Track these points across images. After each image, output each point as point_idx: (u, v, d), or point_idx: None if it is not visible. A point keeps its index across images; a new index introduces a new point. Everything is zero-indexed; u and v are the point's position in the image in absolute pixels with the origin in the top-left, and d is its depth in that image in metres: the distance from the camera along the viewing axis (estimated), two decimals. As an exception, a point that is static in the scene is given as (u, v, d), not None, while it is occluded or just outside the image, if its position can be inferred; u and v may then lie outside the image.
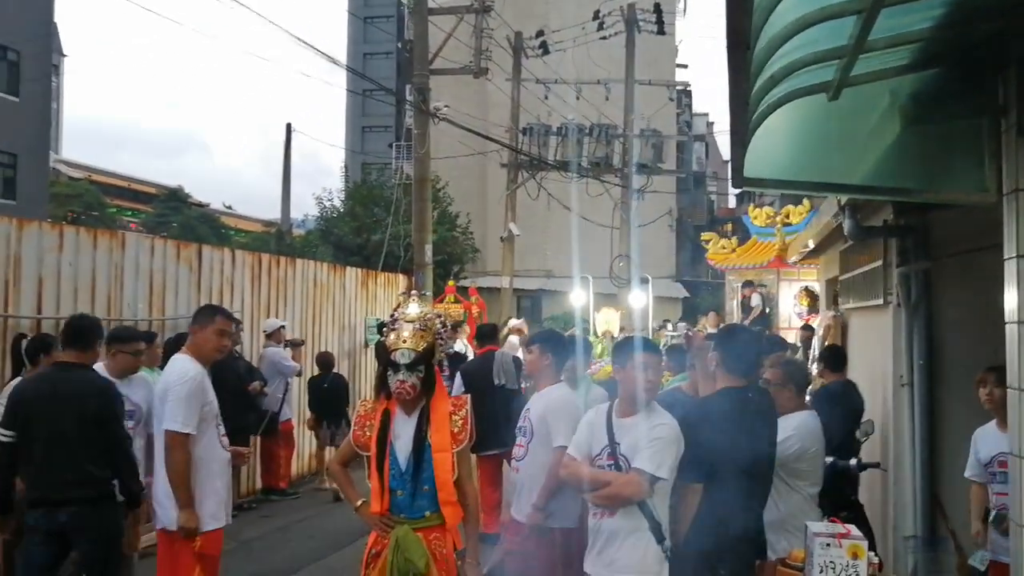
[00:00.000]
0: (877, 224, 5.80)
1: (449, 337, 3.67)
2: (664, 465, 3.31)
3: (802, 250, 9.63)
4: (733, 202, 46.87)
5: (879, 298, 6.15)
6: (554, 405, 4.25)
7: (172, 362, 4.21)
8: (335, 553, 6.97)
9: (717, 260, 17.34)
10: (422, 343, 3.34)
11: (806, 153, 3.79)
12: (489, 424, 5.19)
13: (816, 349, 9.36)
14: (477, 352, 8.68)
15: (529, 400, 4.63)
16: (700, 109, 56.74)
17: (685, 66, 44.01)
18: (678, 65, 35.32)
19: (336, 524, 7.72)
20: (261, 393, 8.14)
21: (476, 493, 3.66)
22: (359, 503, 3.44)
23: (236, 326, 7.93)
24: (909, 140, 3.38)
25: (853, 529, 3.19)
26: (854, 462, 5.17)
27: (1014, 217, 2.79)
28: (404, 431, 3.36)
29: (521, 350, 5.93)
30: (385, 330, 3.46)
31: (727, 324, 12.13)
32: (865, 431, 5.35)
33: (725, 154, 41.65)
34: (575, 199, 19.90)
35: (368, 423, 3.43)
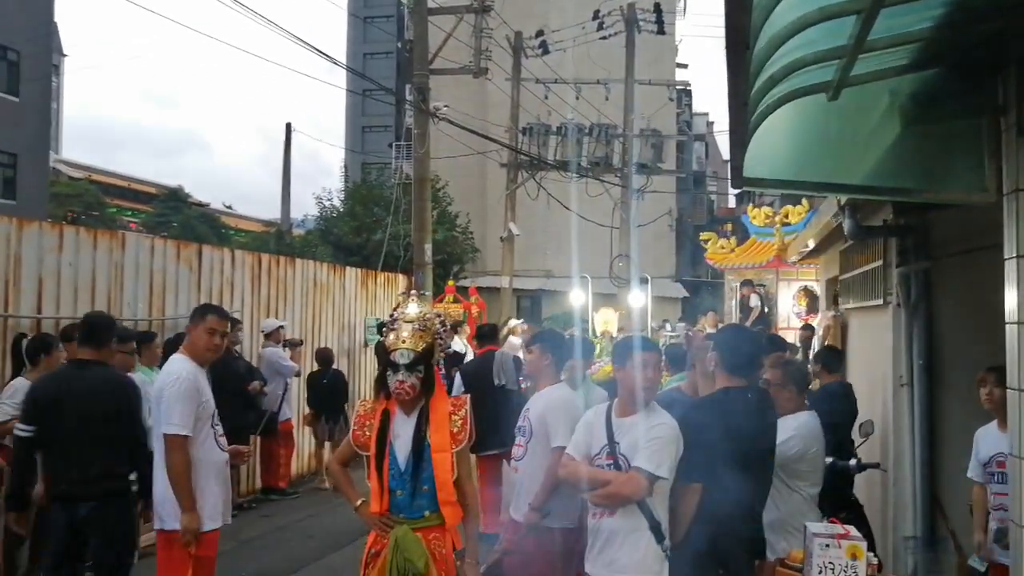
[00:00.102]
0: (877, 224, 5.80)
1: (447, 336, 3.66)
2: (664, 464, 3.31)
3: (802, 250, 9.63)
4: (733, 202, 46.85)
5: (879, 298, 6.15)
6: (554, 405, 4.25)
7: (168, 363, 4.22)
8: (335, 553, 6.97)
9: (716, 260, 17.34)
10: (421, 343, 3.33)
11: (806, 153, 3.79)
12: (489, 424, 5.19)
13: (816, 349, 9.36)
14: (477, 352, 8.68)
15: (529, 400, 4.64)
16: (700, 109, 56.79)
17: (685, 66, 43.94)
18: (678, 65, 35.35)
19: (336, 524, 7.73)
20: (261, 393, 8.14)
21: (475, 493, 3.66)
22: (358, 503, 3.44)
23: (235, 326, 7.99)
24: (909, 140, 3.38)
25: (852, 530, 3.20)
26: (854, 462, 5.18)
27: (1014, 217, 2.79)
28: (403, 431, 3.36)
29: (522, 350, 5.93)
30: (384, 330, 3.46)
31: (727, 324, 12.13)
32: (865, 431, 5.35)
33: (725, 154, 41.62)
34: (574, 199, 19.90)
35: (368, 423, 3.42)
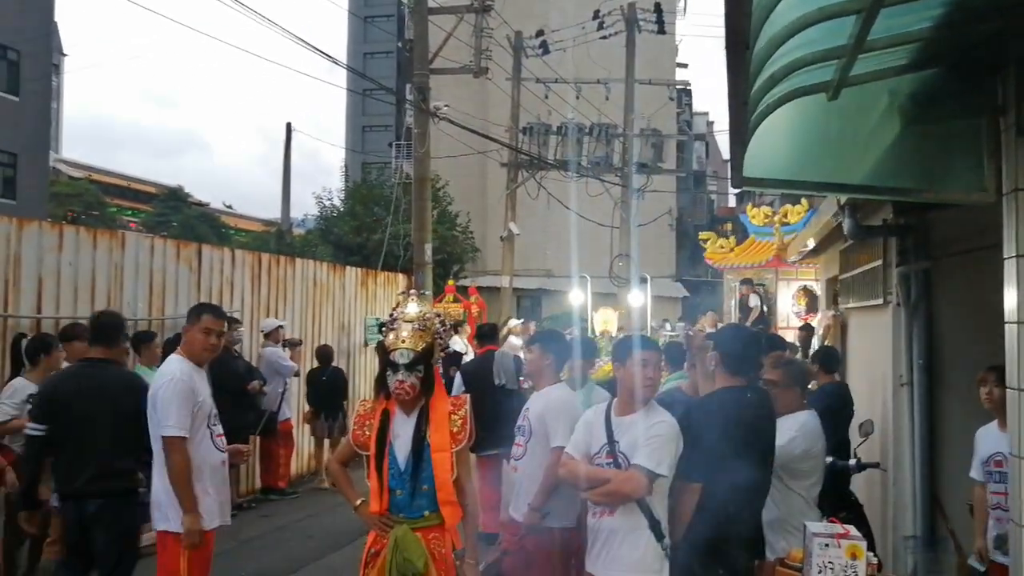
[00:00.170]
0: (877, 223, 5.80)
1: (446, 336, 3.65)
2: (663, 462, 3.31)
3: (802, 250, 9.63)
4: (733, 201, 46.84)
5: (879, 298, 6.15)
6: (553, 405, 4.25)
7: (164, 364, 4.21)
8: (334, 553, 6.97)
9: (715, 259, 17.31)
10: (421, 343, 3.33)
11: (806, 153, 3.79)
12: (489, 423, 5.18)
13: (815, 349, 9.36)
14: (477, 352, 8.68)
15: (529, 399, 4.64)
16: (700, 108, 56.83)
17: (685, 65, 44.02)
18: (678, 64, 35.37)
19: (335, 524, 7.72)
20: (260, 392, 8.14)
21: (475, 493, 3.65)
22: (358, 502, 3.43)
23: (234, 325, 7.99)
24: (908, 140, 3.38)
25: (852, 529, 3.19)
26: (854, 462, 5.18)
27: (1013, 217, 2.79)
28: (403, 431, 3.36)
29: (522, 350, 5.92)
30: (384, 330, 3.45)
31: (727, 324, 12.13)
32: (865, 431, 5.35)
33: (725, 153, 41.62)
34: (574, 198, 19.90)
35: (367, 423, 3.42)
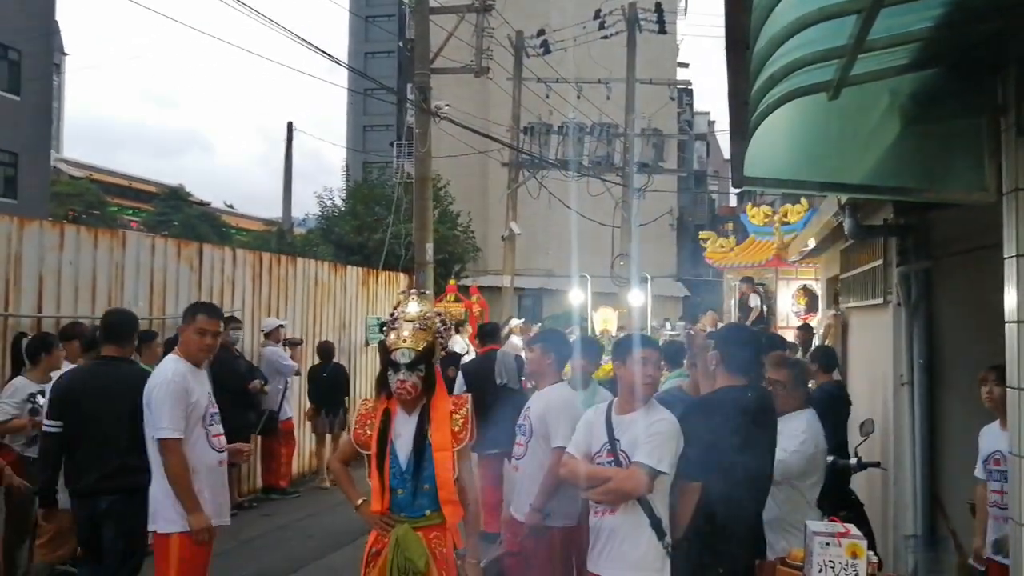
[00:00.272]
0: (877, 223, 5.81)
1: (446, 335, 3.65)
2: (664, 459, 3.30)
3: (802, 249, 9.63)
4: (734, 201, 46.82)
5: (879, 297, 6.16)
6: (554, 405, 4.25)
7: (159, 365, 4.20)
8: (335, 552, 6.97)
9: (715, 259, 17.29)
10: (422, 342, 3.33)
11: (806, 152, 3.79)
12: (490, 423, 5.19)
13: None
14: (479, 351, 8.68)
15: (530, 399, 4.64)
16: (701, 108, 56.78)
17: (686, 65, 44.00)
18: (679, 64, 35.41)
19: (336, 523, 7.73)
20: (262, 392, 8.15)
21: (476, 492, 3.66)
22: (359, 502, 3.44)
23: (232, 325, 7.99)
24: (909, 139, 3.39)
25: (852, 528, 3.20)
26: (854, 461, 5.19)
27: (1014, 216, 2.79)
28: (405, 430, 3.36)
29: (524, 349, 5.92)
30: (385, 329, 3.46)
31: (727, 323, 12.12)
32: (866, 430, 5.36)
33: (726, 152, 41.59)
34: (574, 198, 19.90)
35: (369, 422, 3.43)
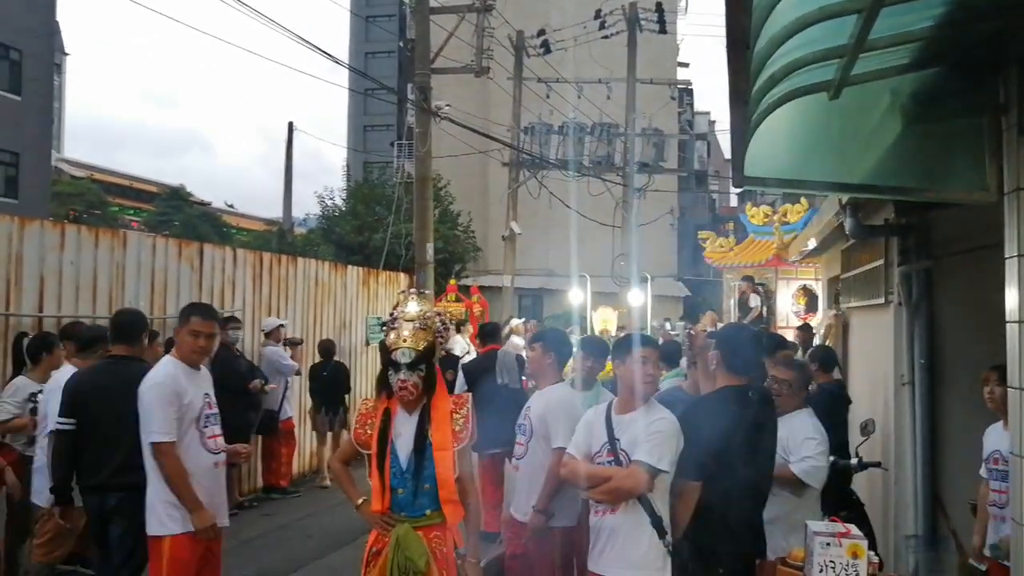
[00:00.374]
0: (878, 223, 5.80)
1: (446, 334, 3.65)
2: (664, 458, 3.30)
3: (803, 249, 9.63)
4: (735, 201, 46.77)
5: (880, 297, 6.15)
6: (554, 405, 4.25)
7: (153, 367, 4.17)
8: (336, 552, 6.97)
9: (715, 259, 17.28)
10: (422, 342, 3.33)
11: (807, 152, 3.79)
12: (491, 423, 5.18)
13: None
14: (480, 351, 8.68)
15: (530, 398, 4.63)
16: (702, 108, 56.78)
17: (687, 65, 44.07)
18: (680, 64, 35.41)
19: (336, 523, 7.73)
20: (263, 391, 8.15)
21: (477, 491, 3.66)
22: (360, 501, 3.44)
23: (233, 324, 7.99)
24: (910, 139, 3.38)
25: (853, 528, 3.19)
26: (855, 461, 5.18)
27: (1015, 216, 2.79)
28: (405, 429, 3.36)
29: (524, 349, 5.91)
30: (385, 329, 3.46)
31: (728, 323, 12.11)
32: (867, 430, 5.36)
33: (727, 152, 41.57)
34: (574, 198, 19.89)
35: (369, 421, 3.43)
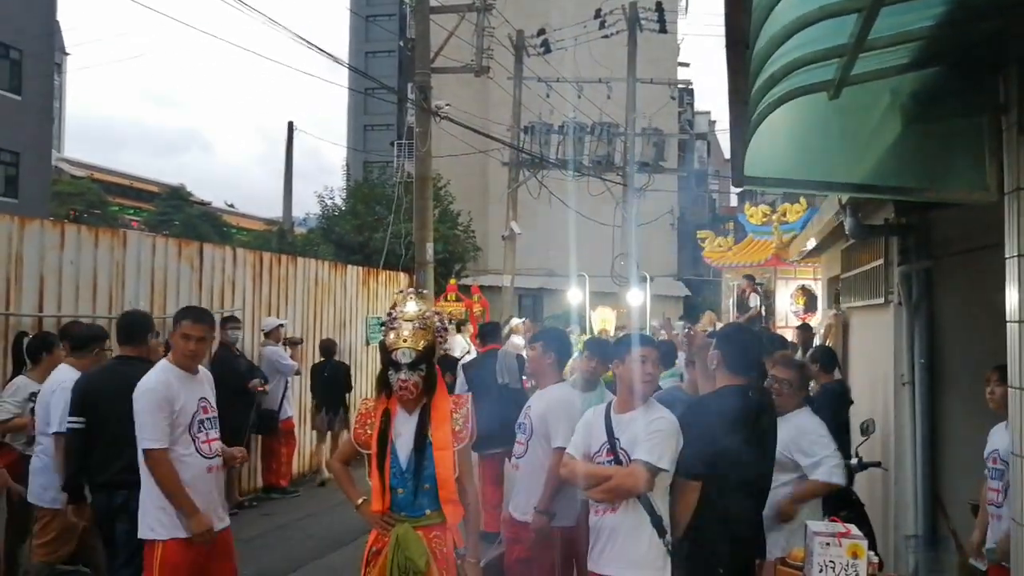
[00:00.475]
0: (878, 223, 5.80)
1: (445, 334, 3.64)
2: (664, 456, 3.30)
3: (803, 249, 9.63)
4: (735, 200, 46.74)
5: (880, 297, 6.15)
6: (554, 405, 4.25)
7: (150, 371, 4.15)
8: (335, 552, 6.97)
9: (713, 258, 17.27)
10: (422, 342, 3.33)
11: (807, 152, 3.79)
12: (491, 423, 5.18)
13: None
14: (480, 351, 8.69)
15: (531, 398, 4.63)
16: (702, 107, 56.75)
17: (687, 64, 44.11)
18: (680, 63, 35.37)
19: (336, 523, 7.73)
20: (263, 391, 8.15)
21: (476, 491, 3.66)
22: (359, 501, 3.44)
23: (232, 324, 7.99)
24: (910, 139, 3.38)
25: (853, 528, 3.19)
26: (855, 461, 5.18)
27: (1015, 216, 2.79)
28: (405, 429, 3.36)
29: (525, 349, 5.91)
30: (384, 329, 3.45)
31: (728, 323, 12.11)
32: (868, 431, 5.36)
33: (727, 152, 41.57)
34: (573, 197, 19.89)
35: (369, 421, 3.43)
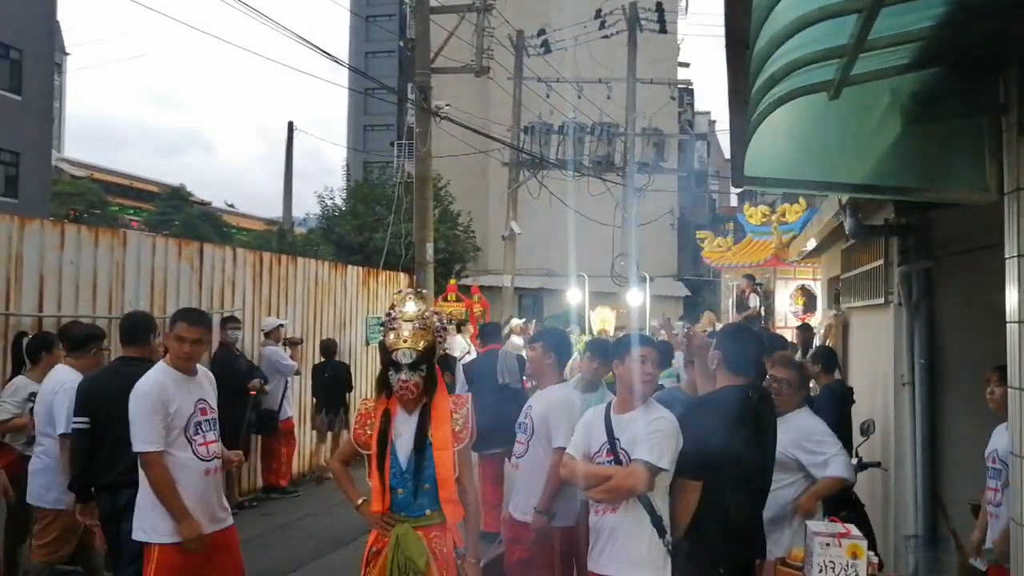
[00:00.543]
0: (878, 223, 5.80)
1: (444, 334, 3.64)
2: (665, 456, 3.29)
3: (803, 249, 9.63)
4: (735, 201, 46.73)
5: (880, 297, 6.15)
6: (555, 405, 4.25)
7: (146, 373, 4.13)
8: (335, 552, 6.97)
9: (713, 258, 17.25)
10: (422, 342, 3.33)
11: (807, 152, 3.79)
12: (492, 423, 5.19)
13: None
14: (480, 351, 8.69)
15: (531, 398, 4.63)
16: (702, 108, 56.70)
17: (687, 64, 44.10)
18: (680, 63, 35.38)
19: (336, 523, 7.73)
20: (263, 391, 8.15)
21: (476, 491, 3.66)
22: (359, 502, 3.44)
23: (232, 324, 7.99)
24: (910, 139, 3.38)
25: (853, 528, 3.20)
26: (855, 461, 5.18)
27: (1015, 216, 2.79)
28: (405, 429, 3.36)
29: (525, 349, 5.92)
30: (384, 329, 3.45)
31: (728, 323, 12.10)
32: (868, 431, 5.36)
33: (727, 152, 41.57)
34: (572, 197, 19.90)
35: (369, 422, 3.43)
